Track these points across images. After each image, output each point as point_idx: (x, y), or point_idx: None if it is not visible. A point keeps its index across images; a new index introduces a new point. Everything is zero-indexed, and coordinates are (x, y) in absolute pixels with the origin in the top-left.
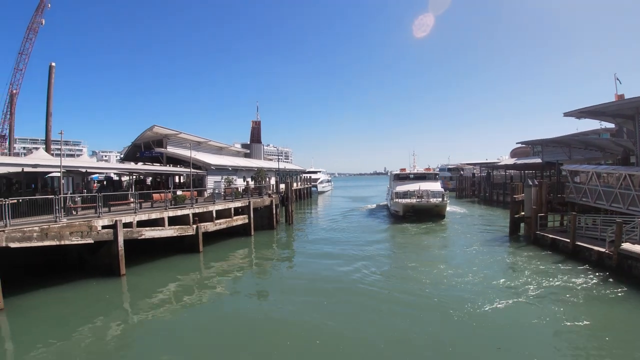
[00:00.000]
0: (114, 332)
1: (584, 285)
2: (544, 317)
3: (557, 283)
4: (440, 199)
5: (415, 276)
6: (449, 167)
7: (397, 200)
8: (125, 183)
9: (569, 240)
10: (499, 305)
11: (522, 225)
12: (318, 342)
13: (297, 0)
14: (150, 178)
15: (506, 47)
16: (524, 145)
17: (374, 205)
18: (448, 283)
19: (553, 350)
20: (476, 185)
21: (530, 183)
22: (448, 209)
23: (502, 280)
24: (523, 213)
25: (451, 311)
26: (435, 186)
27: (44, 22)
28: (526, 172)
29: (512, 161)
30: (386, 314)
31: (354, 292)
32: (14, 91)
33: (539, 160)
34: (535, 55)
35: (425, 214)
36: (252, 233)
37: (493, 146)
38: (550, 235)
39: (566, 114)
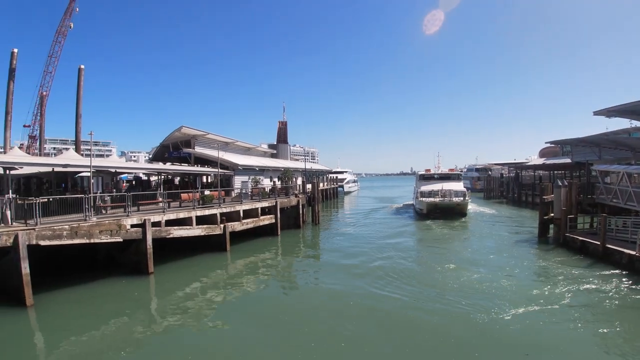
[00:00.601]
0: (142, 330)
1: (615, 290)
2: (574, 324)
3: (587, 287)
4: (462, 198)
5: (441, 279)
6: (477, 167)
7: (421, 199)
8: (153, 183)
9: (599, 243)
10: (526, 310)
11: (551, 226)
12: (343, 345)
13: (330, 2)
14: (179, 178)
15: (535, 46)
16: (553, 145)
17: (400, 205)
18: (474, 287)
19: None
20: (504, 186)
21: (560, 184)
22: (477, 209)
23: (530, 284)
24: (552, 214)
25: (477, 315)
26: (458, 186)
27: (72, 25)
28: (555, 172)
29: (540, 161)
30: (411, 319)
31: (378, 297)
32: (44, 93)
33: (568, 160)
34: (566, 54)
35: (448, 212)
36: (279, 233)
37: (521, 146)
38: (580, 238)
39: (596, 113)
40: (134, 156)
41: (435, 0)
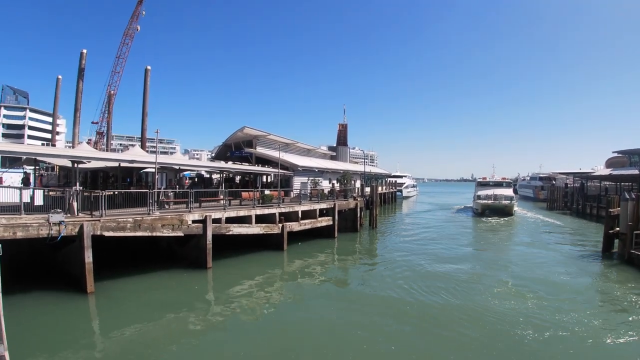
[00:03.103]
0: (198, 322)
1: None
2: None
3: None
4: (509, 202)
5: (497, 294)
6: (541, 175)
7: (477, 201)
8: (215, 181)
9: None
10: (582, 334)
11: (616, 241)
12: (393, 348)
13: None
14: (239, 177)
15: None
16: (620, 155)
17: (462, 205)
18: (530, 303)
19: None
20: (569, 197)
21: (627, 196)
22: (542, 218)
23: (589, 304)
24: (618, 229)
25: (528, 334)
26: (507, 192)
27: (139, 28)
28: (622, 184)
29: (607, 172)
30: (461, 331)
31: (431, 306)
32: (112, 92)
33: (637, 172)
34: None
35: (497, 212)
36: (336, 235)
37: (588, 154)
38: None
39: None
40: (197, 154)
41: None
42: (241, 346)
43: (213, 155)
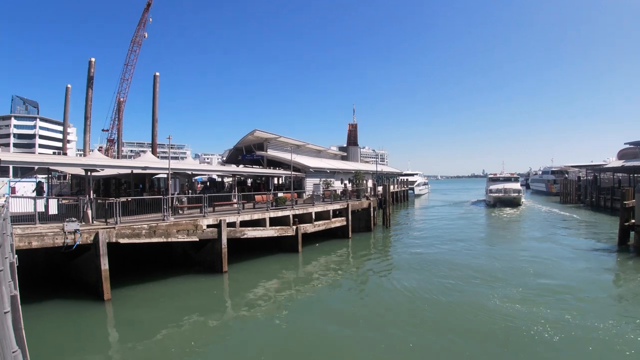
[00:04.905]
0: (216, 326)
1: None
2: None
3: None
4: (517, 194)
5: (516, 293)
6: (553, 169)
7: (489, 194)
8: (227, 184)
9: None
10: (598, 327)
11: (632, 234)
12: (411, 346)
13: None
14: (251, 180)
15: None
16: (632, 146)
17: (474, 199)
18: (549, 299)
19: None
20: (582, 190)
21: None
22: (557, 212)
23: (608, 301)
24: (634, 221)
25: (543, 329)
26: (516, 185)
27: (146, 35)
28: (635, 175)
29: (619, 163)
30: (477, 327)
31: (449, 304)
32: (121, 99)
33: None
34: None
35: (507, 203)
36: (350, 235)
37: (598, 147)
38: None
39: None
40: (207, 158)
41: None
42: (262, 349)
43: (224, 159)
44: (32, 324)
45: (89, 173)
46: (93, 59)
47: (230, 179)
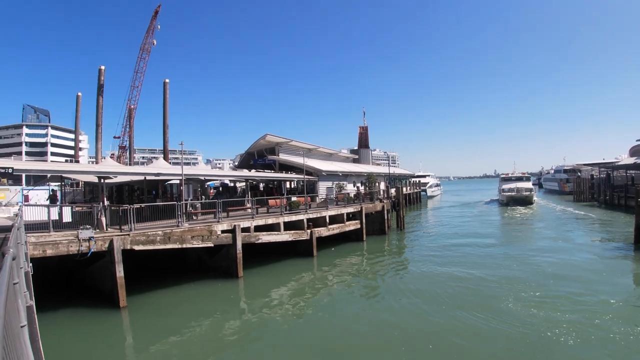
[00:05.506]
0: (233, 331)
1: None
2: None
3: None
4: (529, 193)
5: (529, 293)
6: (565, 168)
7: (502, 193)
8: (239, 189)
9: None
10: (617, 330)
11: None
12: (431, 347)
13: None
14: (263, 184)
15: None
16: None
17: (488, 199)
18: (562, 297)
19: None
20: (595, 188)
21: None
22: (571, 211)
23: (622, 299)
24: None
25: (560, 331)
26: (527, 185)
27: (155, 42)
28: None
29: (631, 160)
30: (498, 335)
31: (467, 308)
32: (132, 106)
33: None
34: None
35: (519, 202)
36: (364, 238)
37: (611, 144)
38: None
39: None
40: (219, 163)
41: None
42: (280, 354)
43: (236, 164)
44: (47, 332)
45: (102, 180)
46: (103, 67)
47: (243, 183)
